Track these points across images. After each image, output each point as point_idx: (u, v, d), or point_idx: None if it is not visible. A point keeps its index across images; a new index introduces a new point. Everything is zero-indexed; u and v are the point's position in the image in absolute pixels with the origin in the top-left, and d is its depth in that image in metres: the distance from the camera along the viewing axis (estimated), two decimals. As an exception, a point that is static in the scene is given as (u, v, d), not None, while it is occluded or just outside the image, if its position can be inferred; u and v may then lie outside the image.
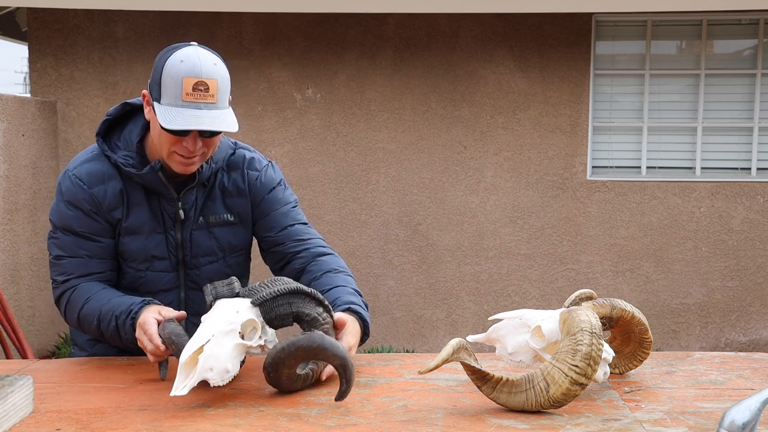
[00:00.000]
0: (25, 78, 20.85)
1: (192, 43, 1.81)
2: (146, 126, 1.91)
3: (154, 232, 1.93)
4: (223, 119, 1.77)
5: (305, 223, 2.07)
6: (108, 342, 1.90)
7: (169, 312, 1.75)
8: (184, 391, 1.49)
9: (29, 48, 5.56)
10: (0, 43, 7.81)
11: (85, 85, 5.51)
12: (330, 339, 1.56)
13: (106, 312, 1.83)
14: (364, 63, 5.47)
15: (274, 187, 2.04)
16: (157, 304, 1.82)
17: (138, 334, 1.73)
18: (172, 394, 1.48)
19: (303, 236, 2.03)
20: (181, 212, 1.94)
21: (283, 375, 1.58)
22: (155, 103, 1.77)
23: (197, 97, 1.73)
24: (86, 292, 1.88)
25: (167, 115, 1.73)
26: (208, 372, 1.53)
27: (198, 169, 1.91)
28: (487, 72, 5.44)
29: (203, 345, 1.56)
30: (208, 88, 1.74)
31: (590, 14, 5.36)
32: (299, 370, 1.62)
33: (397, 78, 5.47)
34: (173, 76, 1.73)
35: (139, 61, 5.49)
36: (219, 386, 1.55)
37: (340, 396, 1.53)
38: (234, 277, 1.68)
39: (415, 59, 5.46)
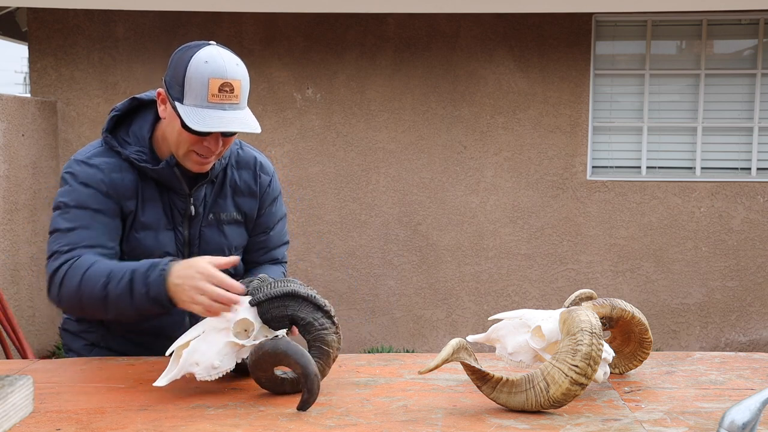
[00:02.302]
0: (25, 78, 20.86)
1: (211, 42, 1.80)
2: (155, 121, 1.90)
3: (165, 228, 1.92)
4: (247, 120, 1.78)
5: (286, 243, 2.17)
6: (104, 310, 1.73)
7: (218, 259, 1.65)
8: (163, 383, 1.55)
9: (29, 48, 5.56)
10: (0, 43, 7.81)
11: (85, 85, 5.51)
12: (295, 346, 1.53)
13: (119, 270, 1.70)
14: (364, 63, 5.47)
15: (276, 198, 2.09)
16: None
17: (201, 285, 1.58)
18: (154, 384, 1.55)
19: (277, 257, 2.13)
20: (192, 208, 1.93)
21: (262, 377, 1.58)
22: (177, 103, 1.75)
23: (223, 98, 1.74)
24: (92, 258, 1.76)
25: (193, 116, 1.73)
26: (194, 366, 1.56)
27: None
28: (487, 72, 5.44)
29: (190, 340, 1.58)
30: (233, 89, 1.74)
31: (590, 14, 5.36)
32: (284, 374, 1.60)
33: (397, 78, 5.47)
34: (198, 77, 1.72)
35: (139, 61, 5.49)
36: (207, 380, 1.58)
37: (302, 406, 1.49)
38: (263, 276, 1.70)
39: (415, 59, 5.46)
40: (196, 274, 1.60)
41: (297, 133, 5.51)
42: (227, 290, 1.59)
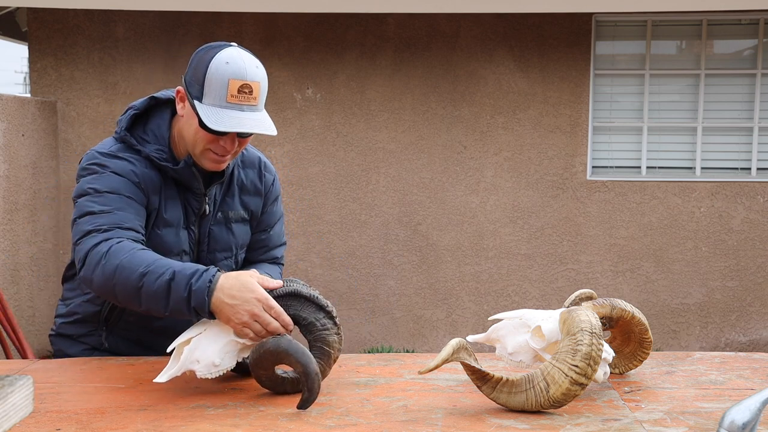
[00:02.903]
0: (25, 78, 20.86)
1: (232, 43, 1.83)
2: (171, 119, 1.92)
3: (182, 226, 1.93)
4: (264, 122, 1.80)
5: (284, 244, 2.19)
6: (136, 301, 1.67)
7: (268, 281, 1.65)
8: (163, 379, 1.56)
9: (29, 48, 5.55)
10: (0, 43, 7.81)
11: (85, 85, 5.51)
12: (297, 345, 1.53)
13: (160, 266, 1.64)
14: (364, 63, 5.47)
15: (278, 197, 2.12)
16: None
17: (259, 313, 1.57)
18: (154, 380, 1.57)
19: (276, 256, 2.15)
20: (207, 207, 1.95)
21: (263, 376, 1.59)
22: (196, 102, 1.78)
23: (242, 99, 1.76)
24: (133, 245, 1.70)
25: (211, 116, 1.75)
26: (195, 364, 1.57)
27: None
28: (487, 72, 5.44)
29: (192, 337, 1.58)
30: (251, 91, 1.76)
31: (590, 14, 5.36)
32: (284, 374, 1.61)
33: (397, 78, 5.47)
34: (218, 77, 1.74)
35: (139, 61, 5.49)
36: (208, 378, 1.58)
37: (302, 405, 1.49)
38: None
39: (415, 59, 5.46)
40: (254, 300, 1.57)
41: (297, 133, 5.51)
42: (280, 323, 1.60)
